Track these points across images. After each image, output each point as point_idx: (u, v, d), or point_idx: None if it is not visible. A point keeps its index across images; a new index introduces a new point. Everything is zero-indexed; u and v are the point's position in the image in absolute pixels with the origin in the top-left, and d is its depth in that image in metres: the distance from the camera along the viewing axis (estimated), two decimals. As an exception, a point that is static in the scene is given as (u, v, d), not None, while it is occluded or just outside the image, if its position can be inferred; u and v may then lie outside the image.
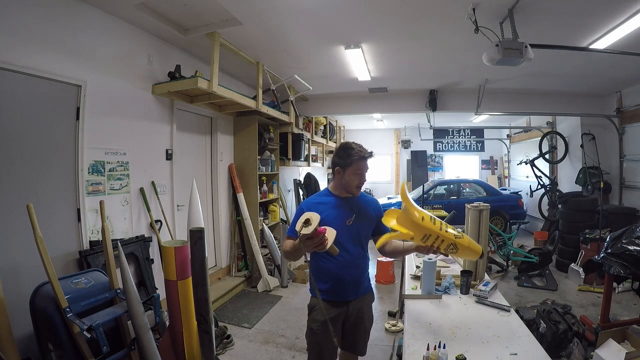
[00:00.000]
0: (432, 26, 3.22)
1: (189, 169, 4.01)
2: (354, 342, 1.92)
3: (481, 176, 10.12)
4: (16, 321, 1.95)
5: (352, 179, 1.74)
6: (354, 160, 1.72)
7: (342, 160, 1.75)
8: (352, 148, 1.74)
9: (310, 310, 1.83)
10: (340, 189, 1.81)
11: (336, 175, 1.80)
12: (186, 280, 2.26)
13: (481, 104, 5.59)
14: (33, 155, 2.35)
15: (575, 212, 5.19)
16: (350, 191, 1.79)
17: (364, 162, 1.74)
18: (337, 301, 1.80)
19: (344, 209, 1.77)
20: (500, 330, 1.68)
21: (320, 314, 1.76)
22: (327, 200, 1.81)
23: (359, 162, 1.73)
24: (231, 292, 4.20)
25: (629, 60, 3.83)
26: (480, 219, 2.39)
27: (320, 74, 4.69)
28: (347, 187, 1.78)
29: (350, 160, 1.72)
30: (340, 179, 1.78)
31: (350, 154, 1.73)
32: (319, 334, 1.78)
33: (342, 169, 1.76)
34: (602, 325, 2.60)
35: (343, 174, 1.76)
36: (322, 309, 1.74)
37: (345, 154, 1.74)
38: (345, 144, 1.78)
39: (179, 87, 3.34)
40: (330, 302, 1.78)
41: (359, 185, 1.78)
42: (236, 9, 2.84)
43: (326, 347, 1.79)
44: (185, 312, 2.28)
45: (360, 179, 1.76)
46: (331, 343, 1.76)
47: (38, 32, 2.32)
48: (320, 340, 1.78)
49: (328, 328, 1.71)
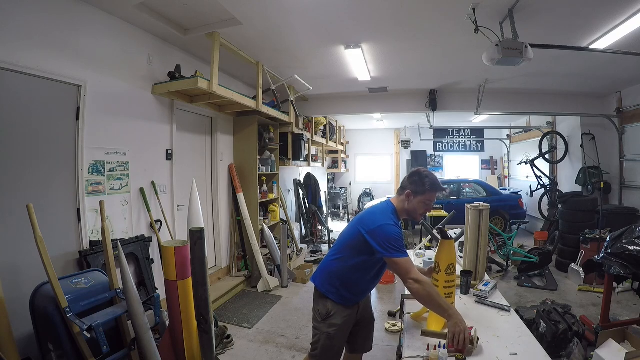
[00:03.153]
0: (432, 26, 3.22)
1: (189, 169, 4.01)
2: (366, 339, 1.98)
3: (481, 176, 10.12)
4: (16, 321, 1.95)
5: (420, 207, 1.76)
6: (428, 192, 1.74)
7: (415, 186, 1.75)
8: (427, 178, 1.75)
9: (326, 317, 1.78)
10: (403, 211, 1.80)
11: (404, 197, 1.77)
12: (186, 280, 2.26)
13: (481, 104, 5.59)
14: (33, 156, 2.35)
15: (575, 212, 5.19)
16: (414, 217, 1.81)
17: (437, 194, 1.80)
18: (351, 305, 1.82)
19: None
20: (500, 330, 1.68)
21: (339, 317, 1.77)
22: (397, 221, 1.78)
23: (433, 194, 1.76)
24: (231, 292, 4.20)
25: (629, 60, 3.83)
26: (480, 219, 2.39)
27: (320, 74, 4.69)
28: (412, 213, 1.78)
29: (424, 189, 1.73)
30: (408, 203, 1.77)
31: (424, 183, 1.74)
32: (336, 337, 1.78)
33: (413, 194, 1.75)
34: (602, 325, 2.60)
35: (413, 200, 1.75)
36: (341, 312, 1.77)
37: (421, 181, 1.75)
38: (422, 171, 1.79)
39: (179, 87, 3.34)
40: (346, 306, 1.80)
41: (424, 214, 1.81)
42: (236, 9, 2.84)
43: (339, 351, 1.84)
44: (185, 312, 2.28)
45: (427, 209, 1.79)
46: (343, 346, 1.86)
47: (38, 32, 2.32)
48: (337, 344, 1.80)
49: (345, 331, 1.80)
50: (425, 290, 1.57)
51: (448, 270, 1.74)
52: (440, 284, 1.74)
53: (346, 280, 1.77)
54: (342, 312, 1.77)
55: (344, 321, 1.78)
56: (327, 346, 1.78)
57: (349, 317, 1.80)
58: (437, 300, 1.58)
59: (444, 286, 1.74)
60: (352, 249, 1.74)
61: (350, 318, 1.81)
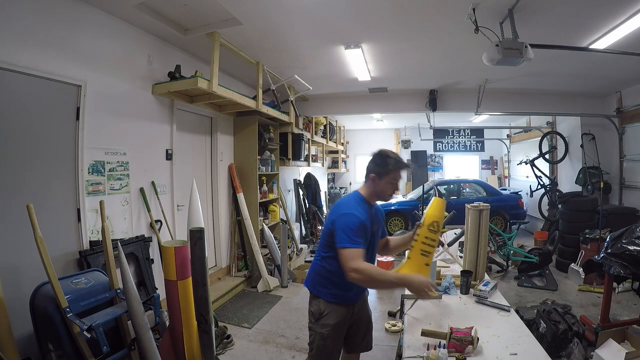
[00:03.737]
0: (432, 26, 3.22)
1: (189, 169, 4.01)
2: (363, 340, 1.95)
3: (481, 176, 10.12)
4: (16, 321, 1.95)
5: (387, 187, 1.75)
6: (392, 171, 1.73)
7: (378, 167, 1.75)
8: (389, 157, 1.75)
9: (319, 317, 1.78)
10: (372, 196, 1.80)
11: (370, 182, 1.78)
12: (186, 280, 2.26)
13: (481, 104, 5.59)
14: (33, 155, 2.35)
15: (575, 212, 5.19)
16: (384, 199, 1.80)
17: (402, 172, 1.78)
18: (346, 304, 1.80)
19: (371, 217, 1.78)
20: (500, 330, 1.68)
21: (332, 317, 1.75)
22: (363, 207, 1.76)
23: (398, 172, 1.75)
24: (231, 292, 4.20)
25: (629, 60, 3.83)
26: (480, 219, 2.39)
27: (320, 74, 4.69)
28: (381, 195, 1.78)
29: (389, 169, 1.73)
30: (375, 186, 1.77)
31: (387, 162, 1.73)
32: (330, 338, 1.77)
33: (377, 176, 1.75)
34: (602, 325, 2.60)
35: (378, 182, 1.75)
36: (334, 311, 1.75)
37: (383, 162, 1.74)
38: (383, 152, 1.78)
39: (179, 87, 3.34)
40: (340, 305, 1.79)
41: (392, 194, 1.80)
42: (236, 9, 2.84)
43: (335, 351, 1.81)
44: (185, 312, 2.28)
45: (394, 188, 1.78)
46: (339, 347, 1.81)
47: (38, 32, 2.32)
48: (331, 344, 1.78)
49: (339, 331, 1.77)
50: (365, 276, 1.52)
51: (431, 227, 1.71)
52: (420, 238, 1.71)
53: (333, 278, 1.77)
54: (335, 312, 1.75)
55: (338, 322, 1.75)
56: (322, 346, 1.77)
57: (343, 317, 1.77)
58: (383, 280, 1.56)
59: (423, 241, 1.71)
60: (329, 246, 1.73)
61: (344, 319, 1.78)
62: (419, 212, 2.87)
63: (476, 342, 1.48)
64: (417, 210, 3.21)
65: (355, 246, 1.56)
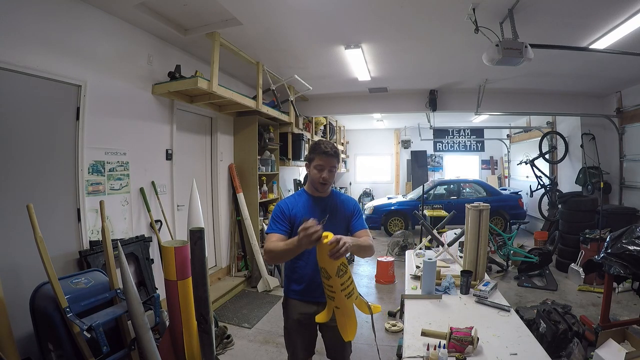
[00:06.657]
0: (432, 26, 3.22)
1: (189, 169, 4.01)
2: (333, 348, 1.87)
3: (481, 176, 10.12)
4: (16, 321, 1.95)
5: (314, 174, 1.73)
6: (316, 155, 1.72)
7: (309, 154, 1.78)
8: (317, 143, 1.74)
9: (284, 311, 1.86)
10: (310, 185, 1.81)
11: (307, 172, 1.81)
12: (186, 280, 2.26)
13: (481, 104, 5.59)
14: (33, 155, 2.35)
15: (575, 212, 5.19)
16: (316, 187, 1.77)
17: (325, 158, 1.69)
18: (310, 301, 1.78)
19: (316, 209, 1.74)
20: (500, 330, 1.68)
21: (292, 312, 1.80)
22: (301, 199, 1.80)
23: (320, 157, 1.70)
24: (231, 292, 4.20)
25: (629, 60, 3.82)
26: (480, 219, 2.39)
27: (320, 74, 4.69)
28: (313, 182, 1.77)
29: (313, 155, 1.73)
30: (308, 173, 1.79)
31: (314, 148, 1.74)
32: (292, 332, 1.83)
33: (308, 163, 1.77)
34: (602, 325, 2.59)
35: (308, 170, 1.77)
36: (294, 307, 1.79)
37: (311, 149, 1.77)
38: (315, 141, 1.79)
39: (179, 87, 3.34)
40: (303, 301, 1.79)
41: (323, 182, 1.72)
42: (236, 9, 2.84)
43: (299, 346, 1.83)
44: (185, 312, 2.28)
45: (320, 174, 1.71)
46: (306, 345, 1.83)
47: (38, 32, 2.32)
48: (294, 340, 1.83)
49: (302, 329, 1.79)
50: (270, 253, 1.58)
51: (340, 272, 1.43)
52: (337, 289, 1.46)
53: (288, 273, 1.85)
54: (296, 308, 1.78)
55: (299, 318, 1.77)
56: (287, 341, 1.87)
57: (305, 315, 1.75)
58: (281, 250, 1.52)
59: (341, 289, 1.46)
60: None
61: (306, 317, 1.75)
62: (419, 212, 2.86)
63: (476, 342, 1.48)
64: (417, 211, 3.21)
65: (270, 231, 1.68)
